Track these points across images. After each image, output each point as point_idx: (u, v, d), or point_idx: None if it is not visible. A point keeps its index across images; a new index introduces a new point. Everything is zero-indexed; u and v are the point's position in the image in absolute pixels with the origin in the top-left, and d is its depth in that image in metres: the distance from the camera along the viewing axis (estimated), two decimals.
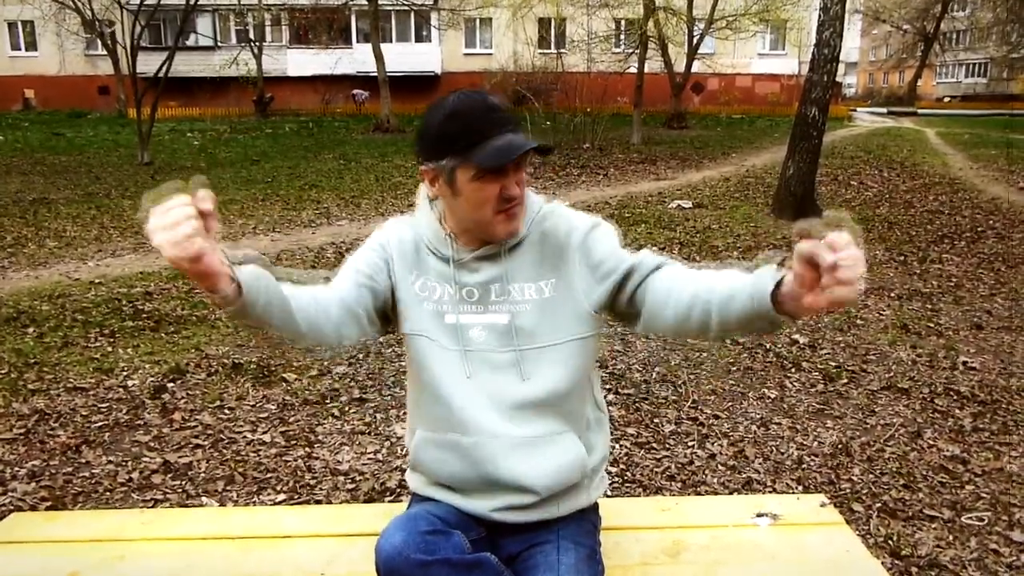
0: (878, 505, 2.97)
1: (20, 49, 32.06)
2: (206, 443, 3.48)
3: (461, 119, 1.45)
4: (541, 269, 1.57)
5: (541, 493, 1.54)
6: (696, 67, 23.60)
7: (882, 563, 2.58)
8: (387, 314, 1.61)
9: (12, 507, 2.91)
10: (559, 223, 1.59)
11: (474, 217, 1.51)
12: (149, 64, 17.82)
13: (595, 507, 1.70)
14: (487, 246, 1.56)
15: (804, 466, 3.31)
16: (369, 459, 3.34)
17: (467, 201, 1.49)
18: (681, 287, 1.47)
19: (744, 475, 3.22)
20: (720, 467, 3.30)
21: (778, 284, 1.28)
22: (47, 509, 2.90)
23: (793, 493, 3.04)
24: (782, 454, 3.42)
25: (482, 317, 1.55)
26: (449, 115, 1.46)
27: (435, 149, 1.48)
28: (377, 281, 1.57)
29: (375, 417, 3.77)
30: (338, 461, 3.32)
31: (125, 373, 4.30)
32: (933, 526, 2.84)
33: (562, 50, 24.29)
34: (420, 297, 1.58)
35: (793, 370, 4.43)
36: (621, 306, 1.56)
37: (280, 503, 2.98)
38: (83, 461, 3.32)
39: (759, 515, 1.91)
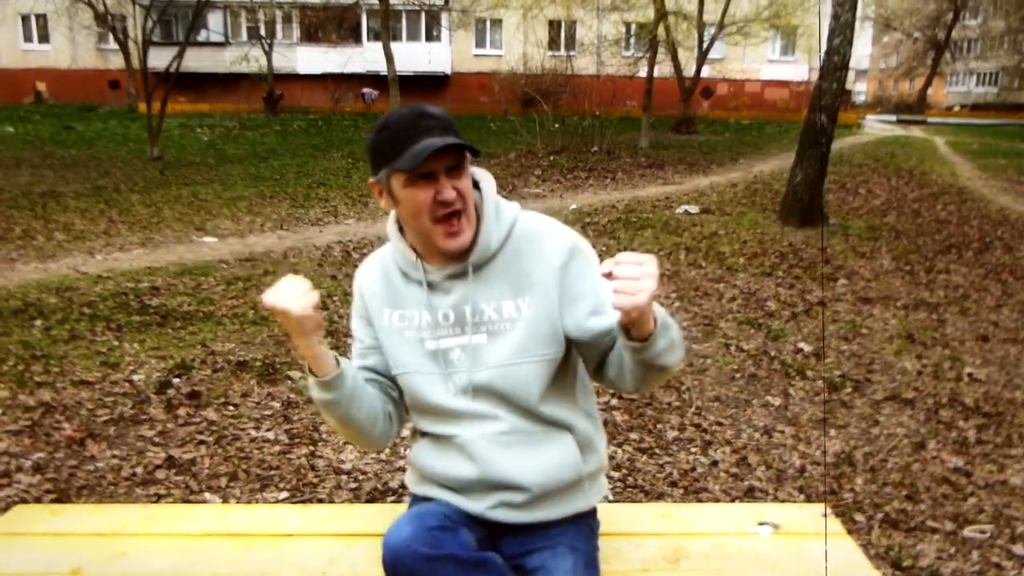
0: (880, 516, 2.97)
1: (33, 42, 32.20)
2: (210, 439, 3.49)
3: (390, 130, 1.50)
4: (517, 286, 1.55)
5: (533, 490, 1.56)
6: (706, 72, 23.61)
7: (883, 574, 2.58)
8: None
9: (17, 499, 2.92)
10: (534, 239, 1.57)
11: (416, 227, 1.53)
12: (160, 59, 17.87)
13: (593, 512, 1.70)
14: (456, 263, 1.56)
15: (806, 475, 3.30)
16: (372, 459, 3.35)
17: (405, 209, 1.52)
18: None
19: (746, 483, 3.22)
20: (722, 474, 3.29)
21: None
22: (51, 502, 2.92)
23: (795, 502, 3.04)
24: (785, 462, 3.41)
25: (460, 339, 1.57)
26: (380, 127, 1.52)
27: (374, 162, 1.54)
28: (375, 343, 1.66)
29: None
30: (341, 460, 3.33)
31: (131, 368, 4.32)
32: (935, 538, 2.83)
33: (572, 53, 24.31)
34: (399, 328, 1.61)
35: (797, 378, 4.42)
36: (585, 349, 1.58)
37: (282, 501, 2.99)
38: (88, 454, 3.33)
39: (760, 524, 1.91)
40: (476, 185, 1.58)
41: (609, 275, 1.32)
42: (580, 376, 1.67)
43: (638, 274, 1.29)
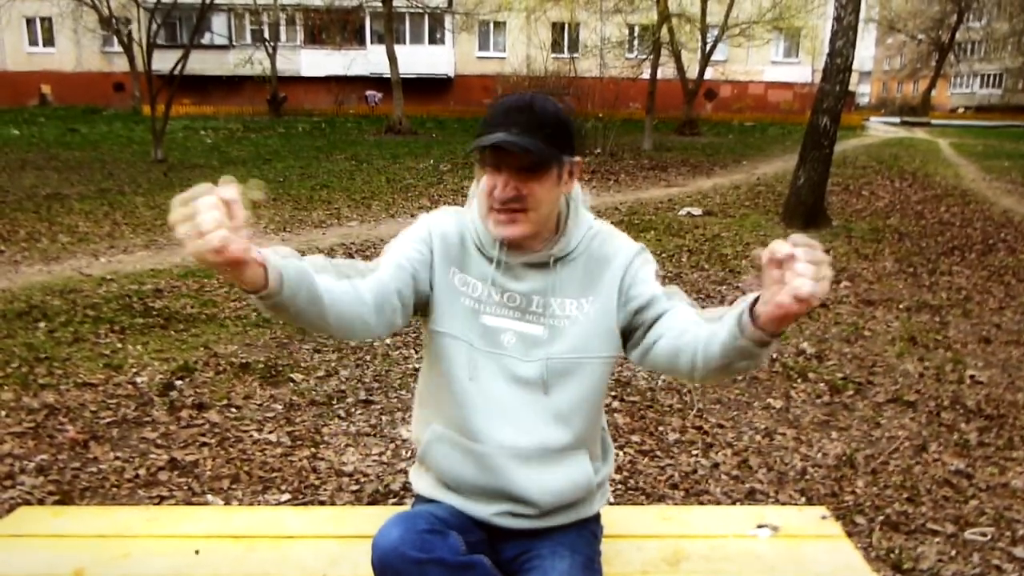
0: (881, 518, 2.97)
1: (38, 45, 32.31)
2: (212, 441, 3.50)
3: (492, 108, 1.50)
4: (582, 287, 1.58)
5: (543, 508, 1.56)
6: (709, 74, 23.59)
7: None
8: (419, 305, 1.58)
9: (20, 500, 2.94)
10: (607, 242, 1.62)
11: (481, 205, 1.54)
12: (164, 62, 17.90)
13: (596, 516, 1.72)
14: (535, 253, 1.56)
15: (808, 477, 3.31)
16: (374, 461, 3.36)
17: (480, 186, 1.53)
18: (682, 329, 1.49)
19: (747, 485, 3.22)
20: (723, 476, 3.30)
21: (756, 303, 1.31)
22: (54, 503, 2.93)
23: (796, 504, 3.04)
24: (786, 465, 3.42)
25: (516, 324, 1.56)
26: (493, 101, 1.53)
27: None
28: (419, 271, 1.54)
29: (381, 419, 3.78)
30: (343, 462, 3.34)
31: (134, 370, 4.34)
32: (936, 541, 2.83)
33: (575, 55, 24.29)
34: (458, 292, 1.56)
35: (799, 381, 4.42)
36: (633, 333, 1.59)
37: (284, 503, 3.00)
38: (91, 456, 3.34)
39: (760, 526, 1.92)
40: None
41: (778, 263, 1.21)
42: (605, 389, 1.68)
43: (818, 260, 1.18)
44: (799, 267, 1.17)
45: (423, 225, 1.61)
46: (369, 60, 30.57)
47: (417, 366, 4.48)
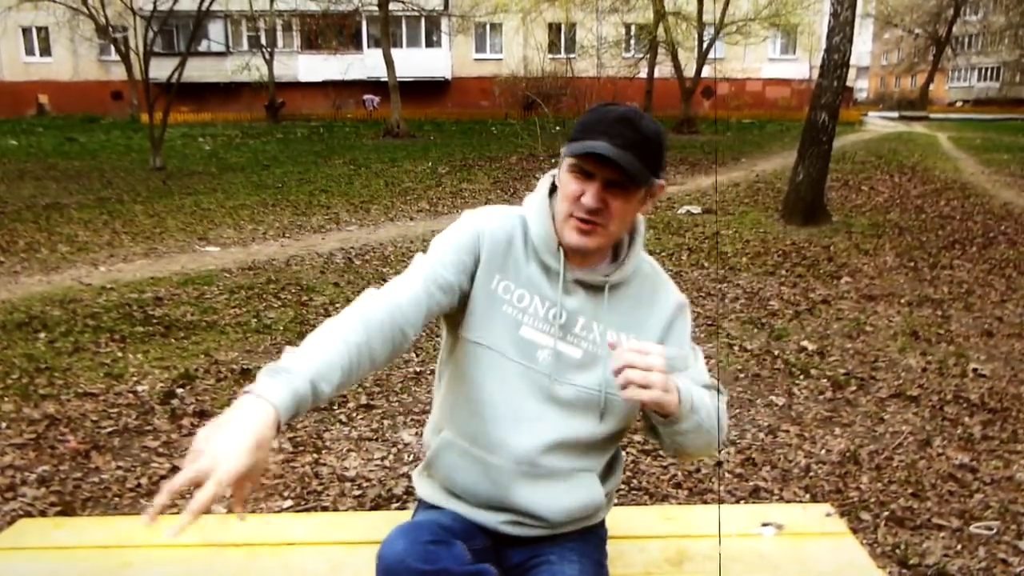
0: (886, 514, 2.96)
1: (35, 54, 32.37)
2: None
3: (593, 114, 1.46)
4: (627, 320, 1.55)
5: (552, 524, 1.55)
6: (706, 72, 23.58)
7: (889, 572, 2.57)
8: (447, 315, 1.52)
9: (22, 512, 2.93)
10: (657, 286, 1.60)
11: (559, 210, 1.49)
12: (162, 70, 17.92)
13: (602, 522, 1.71)
14: (591, 272, 1.53)
15: (812, 474, 3.30)
16: (376, 465, 3.35)
17: (561, 188, 1.48)
18: None
19: (751, 483, 3.21)
20: (727, 475, 3.29)
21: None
22: (56, 515, 2.92)
23: (800, 502, 3.03)
24: (790, 462, 3.41)
25: (555, 342, 1.51)
26: (594, 108, 1.48)
27: (570, 136, 1.49)
28: (453, 286, 1.47)
29: (382, 423, 3.78)
30: (345, 467, 3.33)
31: (135, 379, 4.33)
32: (941, 535, 2.82)
33: (572, 55, 24.32)
34: (500, 300, 1.50)
35: (801, 377, 4.41)
36: None
37: (287, 509, 2.99)
38: (92, 466, 3.34)
39: (764, 524, 1.91)
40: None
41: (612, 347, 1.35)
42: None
43: (646, 365, 1.30)
44: (629, 375, 1.31)
45: (471, 229, 1.53)
46: (366, 64, 30.59)
47: (418, 370, 4.47)
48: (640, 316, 1.56)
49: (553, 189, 1.56)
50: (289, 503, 3.05)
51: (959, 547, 2.74)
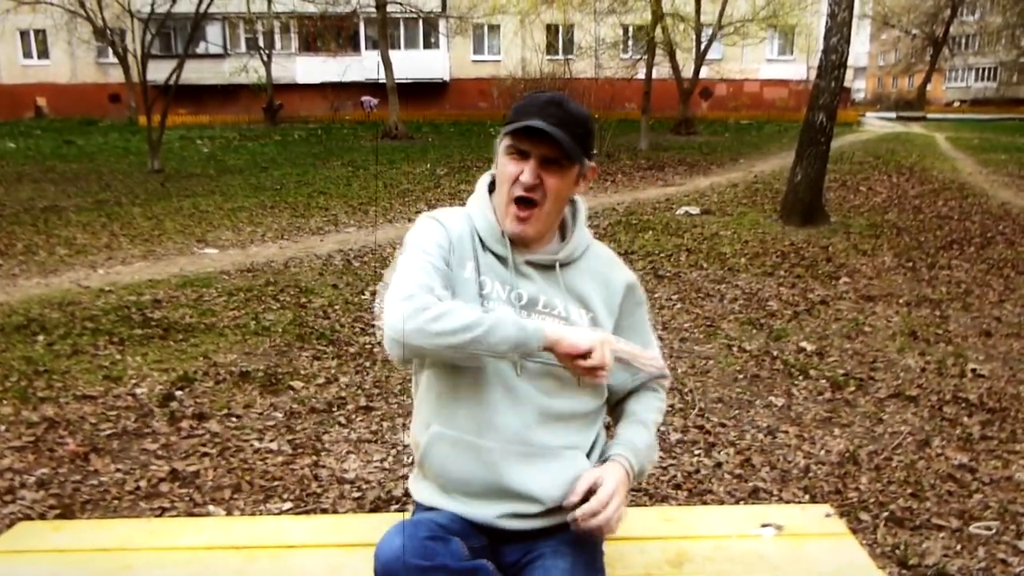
0: (885, 514, 2.96)
1: (32, 57, 32.32)
2: (213, 451, 3.49)
3: (526, 99, 1.58)
4: (584, 298, 1.64)
5: (546, 504, 1.56)
6: (704, 73, 23.57)
7: (889, 573, 2.57)
8: None
9: (21, 515, 2.93)
10: (606, 264, 1.71)
11: (498, 197, 1.59)
12: (159, 72, 17.90)
13: None
14: (541, 255, 1.62)
15: (811, 475, 3.30)
16: (375, 467, 3.35)
17: (499, 174, 1.59)
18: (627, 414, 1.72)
19: (750, 484, 3.21)
20: (726, 476, 3.29)
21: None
22: (55, 517, 2.92)
23: (799, 502, 3.03)
24: (789, 463, 3.41)
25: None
26: (524, 97, 1.60)
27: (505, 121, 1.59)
28: (448, 267, 1.57)
29: (381, 425, 3.77)
30: (344, 469, 3.33)
31: (134, 381, 4.33)
32: (941, 535, 2.82)
33: (570, 56, 24.30)
34: (469, 288, 1.58)
35: (800, 378, 4.41)
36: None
37: (286, 511, 2.99)
38: (91, 469, 3.33)
39: (764, 525, 1.91)
40: (572, 202, 1.68)
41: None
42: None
43: (603, 520, 1.50)
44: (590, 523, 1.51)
45: (436, 227, 1.62)
46: (364, 66, 30.53)
47: None
48: (596, 290, 1.66)
49: (491, 188, 1.67)
50: (288, 505, 3.04)
51: (959, 547, 2.75)
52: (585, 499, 1.52)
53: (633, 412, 1.71)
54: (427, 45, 31.64)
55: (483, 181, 1.69)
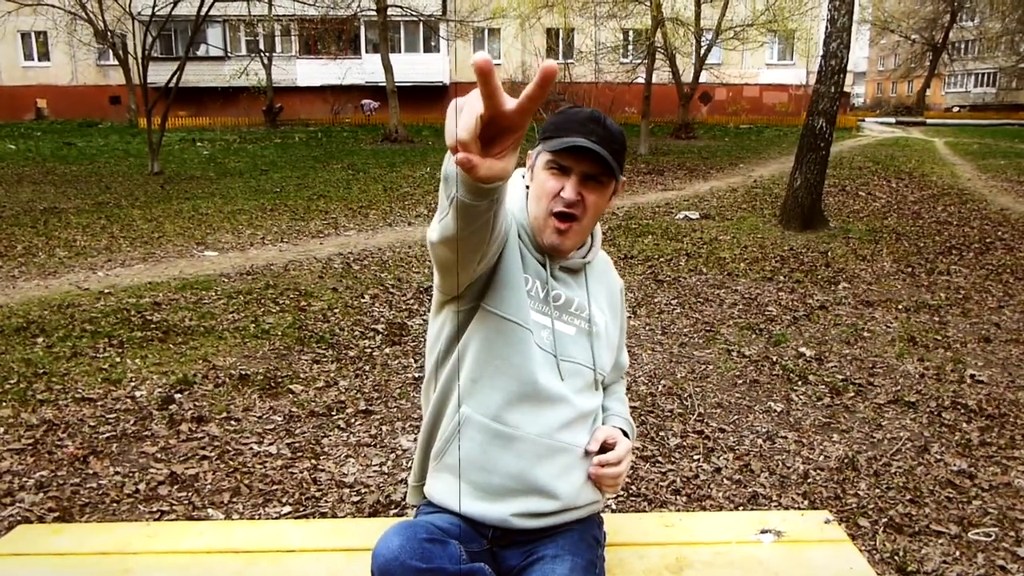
0: (884, 520, 2.96)
1: (33, 59, 32.35)
2: (212, 454, 3.49)
3: (564, 115, 1.58)
4: (600, 297, 1.72)
5: (564, 501, 1.59)
6: (704, 77, 23.62)
7: None
8: (484, 273, 1.52)
9: (19, 518, 2.93)
10: (607, 269, 1.79)
11: (535, 210, 1.60)
12: (160, 74, 17.96)
13: (600, 522, 1.72)
14: (571, 259, 1.66)
15: (810, 480, 3.30)
16: (375, 471, 3.35)
17: (535, 189, 1.60)
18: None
19: (750, 489, 3.21)
20: (726, 481, 3.29)
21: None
22: (54, 520, 2.92)
23: (799, 508, 3.03)
24: (788, 468, 3.41)
25: (556, 323, 1.63)
26: (561, 111, 1.60)
27: (540, 136, 1.60)
28: (505, 244, 1.55)
29: (381, 429, 3.77)
30: (343, 473, 3.33)
31: (133, 384, 4.33)
32: (940, 542, 2.82)
33: (570, 60, 24.35)
34: (521, 281, 1.57)
35: (800, 383, 4.42)
36: None
37: (285, 515, 2.99)
38: (90, 472, 3.33)
39: (763, 531, 1.91)
40: None
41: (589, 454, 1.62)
42: None
43: (617, 473, 1.61)
44: (604, 480, 1.63)
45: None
46: (364, 69, 30.61)
47: (417, 375, 4.47)
48: (604, 292, 1.74)
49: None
50: (287, 509, 3.04)
51: (957, 554, 2.75)
52: (602, 452, 1.63)
53: (610, 407, 1.79)
54: (427, 48, 31.68)
55: (520, 186, 1.67)
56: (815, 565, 1.79)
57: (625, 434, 1.71)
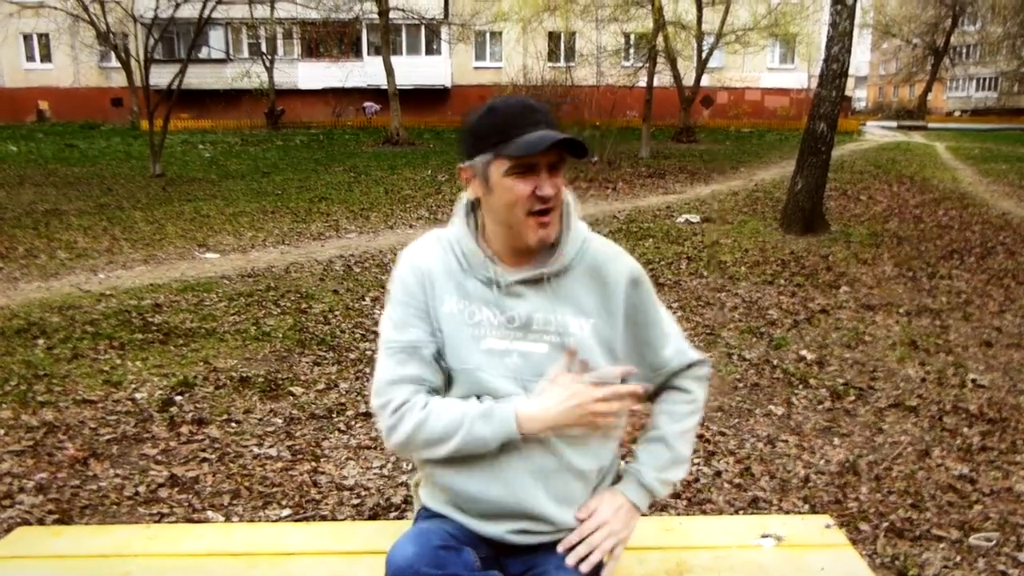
0: (885, 525, 2.95)
1: (35, 61, 32.41)
2: (213, 457, 3.49)
3: (498, 114, 1.47)
4: (582, 305, 1.55)
5: (559, 525, 1.55)
6: (705, 81, 23.65)
7: None
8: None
9: (19, 520, 2.92)
10: (604, 262, 1.58)
11: (507, 219, 1.49)
12: (162, 76, 17.97)
13: None
14: (530, 269, 1.53)
15: (811, 484, 3.29)
16: (375, 474, 3.35)
17: (500, 200, 1.48)
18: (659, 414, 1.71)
19: (750, 493, 3.21)
20: (726, 485, 3.28)
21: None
22: (54, 522, 2.92)
23: (799, 512, 3.03)
24: (789, 472, 3.40)
25: (520, 344, 1.53)
26: (487, 111, 1.48)
27: (472, 146, 1.49)
28: (432, 331, 1.53)
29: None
30: (343, 476, 3.32)
31: (133, 386, 4.32)
32: (941, 546, 2.82)
33: (571, 64, 24.36)
34: (459, 321, 1.53)
35: (800, 387, 4.41)
36: (644, 375, 1.65)
37: (285, 518, 2.99)
38: (91, 474, 3.33)
39: (764, 536, 1.91)
40: None
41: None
42: None
43: (587, 549, 1.52)
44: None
45: (410, 271, 1.57)
46: (366, 72, 30.62)
47: None
48: (593, 293, 1.56)
49: (471, 207, 1.59)
50: (287, 511, 3.04)
51: (958, 558, 2.74)
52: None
53: (656, 426, 1.68)
54: (429, 51, 31.71)
55: (461, 206, 1.59)
56: (816, 570, 1.79)
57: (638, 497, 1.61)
